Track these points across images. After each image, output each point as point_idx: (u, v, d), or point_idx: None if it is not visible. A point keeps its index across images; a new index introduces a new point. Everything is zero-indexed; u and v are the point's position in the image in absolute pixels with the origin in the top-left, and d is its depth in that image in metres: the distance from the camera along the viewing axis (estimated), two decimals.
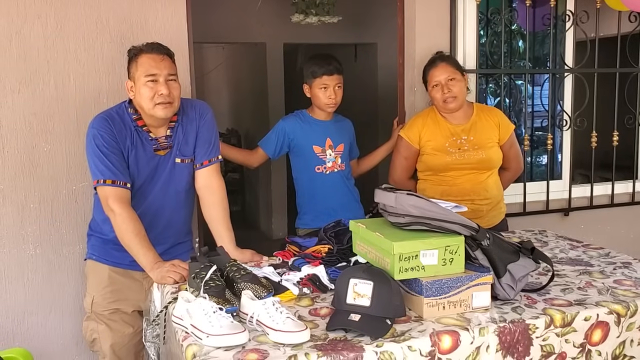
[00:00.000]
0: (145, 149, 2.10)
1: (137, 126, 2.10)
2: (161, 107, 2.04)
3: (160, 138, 2.13)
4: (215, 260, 1.83)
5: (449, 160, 2.56)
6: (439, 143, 2.58)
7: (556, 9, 3.27)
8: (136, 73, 2.06)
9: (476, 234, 1.67)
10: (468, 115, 2.63)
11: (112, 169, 2.00)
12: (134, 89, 2.08)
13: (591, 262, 2.08)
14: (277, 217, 5.93)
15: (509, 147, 2.67)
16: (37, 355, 2.31)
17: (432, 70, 2.60)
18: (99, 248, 2.19)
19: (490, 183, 2.62)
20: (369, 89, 5.63)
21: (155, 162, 2.12)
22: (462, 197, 2.50)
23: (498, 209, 2.68)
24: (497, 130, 2.63)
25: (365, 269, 1.60)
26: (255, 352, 1.40)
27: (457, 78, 2.55)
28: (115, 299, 2.15)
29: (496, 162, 2.62)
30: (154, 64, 2.05)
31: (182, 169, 2.17)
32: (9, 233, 2.41)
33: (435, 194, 2.53)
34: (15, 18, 2.34)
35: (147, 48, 2.08)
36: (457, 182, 2.57)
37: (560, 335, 1.58)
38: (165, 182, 2.15)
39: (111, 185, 1.99)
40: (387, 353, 1.42)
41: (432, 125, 2.61)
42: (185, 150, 2.17)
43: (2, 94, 2.35)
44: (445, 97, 2.54)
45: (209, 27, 4.78)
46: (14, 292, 2.45)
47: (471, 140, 2.57)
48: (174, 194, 2.18)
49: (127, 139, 2.07)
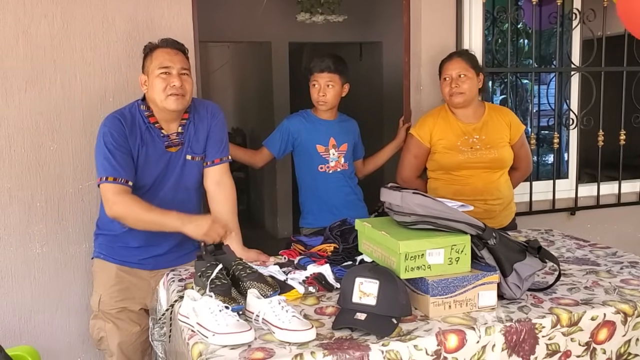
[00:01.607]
0: (157, 146, 2.11)
1: (149, 123, 2.11)
2: (173, 99, 2.05)
3: (172, 135, 2.13)
4: (221, 258, 1.83)
5: (461, 158, 2.55)
6: (450, 142, 2.58)
7: (563, 7, 3.26)
8: (150, 66, 2.09)
9: (482, 233, 1.66)
10: (479, 114, 2.63)
11: (116, 166, 2.01)
12: (147, 83, 2.10)
13: (598, 262, 2.07)
14: (282, 216, 5.93)
15: (519, 146, 2.67)
16: (43, 353, 2.32)
17: (446, 64, 2.61)
18: (107, 247, 2.19)
19: (502, 182, 2.62)
20: (374, 88, 5.63)
21: (166, 158, 2.13)
22: (474, 197, 2.51)
23: (509, 208, 2.69)
24: (508, 130, 2.63)
25: (371, 267, 1.60)
26: (261, 350, 1.40)
27: (469, 75, 2.55)
28: (122, 298, 2.16)
29: (508, 161, 2.62)
30: (168, 57, 2.07)
31: (192, 167, 2.18)
32: (16, 231, 2.43)
33: (447, 193, 2.52)
34: (22, 17, 2.35)
35: (162, 43, 2.11)
36: (469, 182, 2.56)
37: (567, 335, 1.58)
38: (176, 179, 2.15)
39: (112, 182, 2.00)
40: (393, 352, 1.42)
41: (444, 123, 2.61)
42: (197, 147, 2.18)
43: (9, 93, 2.36)
44: (452, 92, 2.54)
45: (214, 26, 4.78)
46: (20, 290, 2.46)
47: (483, 139, 2.57)
48: (184, 191, 2.19)
49: (137, 137, 2.08)
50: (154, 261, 2.14)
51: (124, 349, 2.14)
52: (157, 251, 2.06)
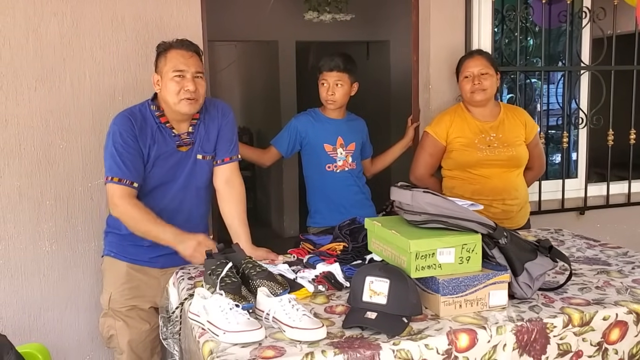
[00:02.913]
0: (168, 145, 2.11)
1: (160, 123, 2.11)
2: (186, 103, 2.05)
3: (183, 134, 2.13)
4: (231, 257, 1.83)
5: (480, 156, 2.54)
6: (468, 139, 2.57)
7: (572, 6, 3.24)
8: (164, 68, 2.07)
9: (493, 232, 1.66)
10: (495, 113, 2.63)
11: (122, 167, 2.01)
12: (161, 83, 2.09)
13: (609, 261, 2.05)
14: (289, 215, 5.93)
15: (533, 146, 2.68)
16: (53, 350, 2.33)
17: (466, 61, 2.61)
18: (117, 245, 2.20)
19: (520, 182, 2.62)
20: (382, 87, 5.62)
21: (177, 158, 2.13)
22: (493, 197, 2.50)
23: (525, 209, 2.69)
24: (523, 129, 2.63)
25: (382, 266, 1.60)
26: (272, 349, 1.40)
27: (490, 73, 2.57)
28: (132, 296, 2.16)
29: (524, 160, 2.63)
30: (183, 60, 2.06)
31: (203, 166, 2.18)
32: (26, 229, 2.44)
33: (465, 192, 2.52)
34: (32, 16, 2.36)
35: (177, 44, 2.09)
36: (489, 181, 2.55)
37: (578, 335, 1.57)
38: (187, 178, 2.16)
39: (117, 183, 2.01)
40: (404, 351, 1.41)
41: (461, 121, 2.61)
42: (207, 147, 2.18)
43: (19, 92, 2.37)
44: (475, 89, 2.55)
45: (221, 25, 4.79)
46: (30, 288, 2.47)
47: (500, 138, 2.57)
48: (195, 190, 2.19)
49: (148, 136, 2.08)
50: (163, 259, 2.14)
51: (134, 347, 2.14)
52: (167, 249, 2.06)
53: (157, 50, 2.13)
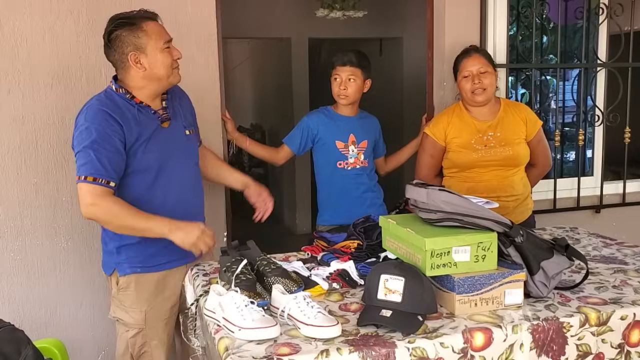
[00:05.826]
0: (152, 123, 2.01)
1: (137, 104, 1.98)
2: (177, 72, 2.04)
3: (159, 110, 2.05)
4: (246, 254, 1.84)
5: (474, 157, 2.53)
6: (464, 140, 2.55)
7: (589, 2, 3.20)
8: (149, 42, 1.94)
9: (509, 230, 1.65)
10: (495, 111, 2.59)
11: (97, 165, 1.85)
12: (144, 60, 1.95)
13: (626, 260, 2.03)
14: (301, 213, 5.94)
15: (536, 143, 2.63)
16: (69, 345, 2.34)
17: (464, 60, 2.56)
18: (142, 258, 2.02)
19: (517, 180, 2.58)
20: (395, 84, 5.60)
21: (164, 134, 2.03)
22: (488, 194, 2.47)
23: (525, 205, 2.65)
24: (524, 126, 2.59)
25: (397, 264, 1.59)
26: (287, 346, 1.40)
27: (489, 71, 2.52)
28: (171, 305, 2.09)
29: (523, 158, 2.58)
30: (163, 30, 2.01)
31: (193, 141, 2.18)
32: (42, 226, 2.46)
33: (461, 190, 2.48)
34: (48, 14, 2.38)
35: (147, 14, 1.99)
36: (483, 179, 2.54)
37: (596, 335, 1.55)
38: (186, 157, 2.11)
39: (92, 183, 1.85)
40: (420, 349, 1.41)
41: (458, 122, 2.59)
42: (188, 123, 2.16)
43: (35, 89, 2.40)
44: (475, 88, 2.51)
45: (234, 23, 4.80)
46: (46, 283, 2.49)
47: (498, 137, 2.54)
48: (194, 167, 2.16)
49: (131, 121, 1.94)
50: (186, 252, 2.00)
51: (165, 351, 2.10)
52: None
53: (120, 26, 1.95)
